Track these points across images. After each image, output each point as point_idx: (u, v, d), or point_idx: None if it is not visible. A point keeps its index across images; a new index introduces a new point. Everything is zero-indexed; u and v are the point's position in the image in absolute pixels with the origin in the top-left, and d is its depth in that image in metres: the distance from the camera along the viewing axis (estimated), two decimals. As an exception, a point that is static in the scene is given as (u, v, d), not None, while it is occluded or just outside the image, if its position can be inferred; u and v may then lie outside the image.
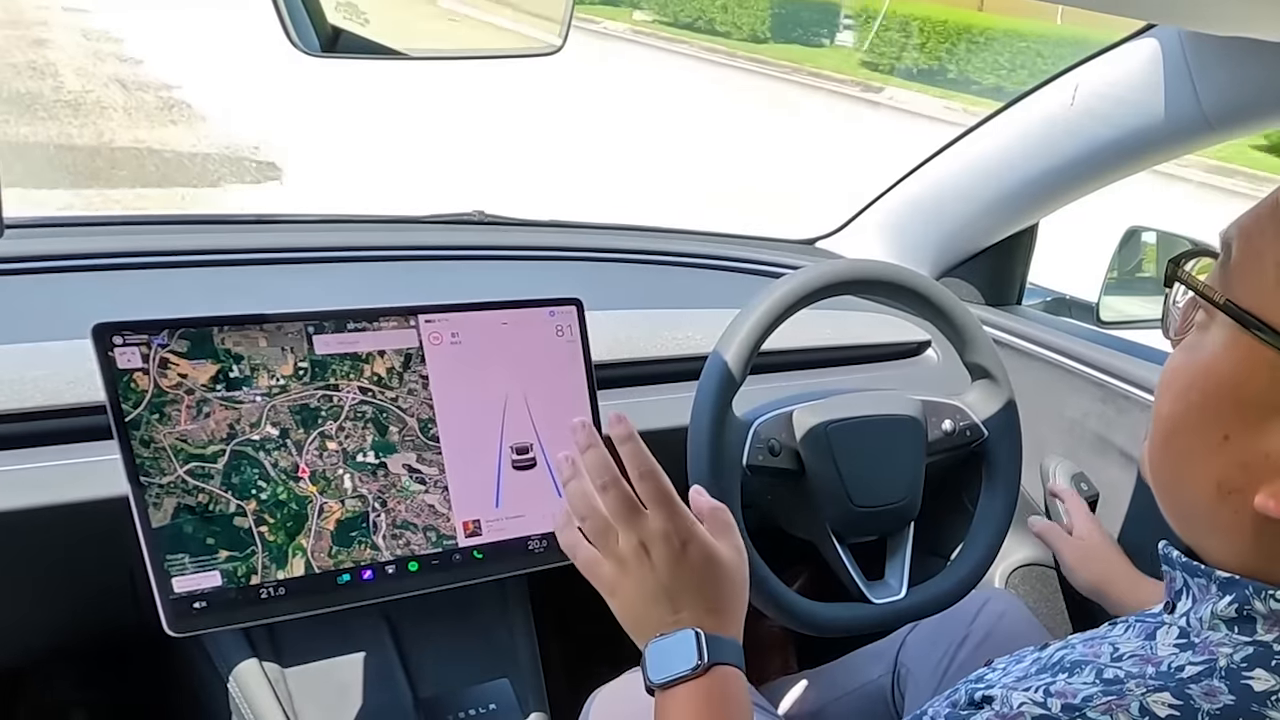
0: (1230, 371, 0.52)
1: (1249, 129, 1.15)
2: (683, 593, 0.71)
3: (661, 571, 0.71)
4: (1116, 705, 0.50)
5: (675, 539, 0.71)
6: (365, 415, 0.91)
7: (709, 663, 0.68)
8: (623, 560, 0.72)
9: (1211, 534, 0.56)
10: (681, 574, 0.71)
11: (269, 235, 1.31)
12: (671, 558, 0.70)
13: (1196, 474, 0.55)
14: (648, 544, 0.71)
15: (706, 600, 0.71)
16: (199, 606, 0.86)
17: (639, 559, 0.71)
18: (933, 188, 1.47)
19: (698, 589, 0.71)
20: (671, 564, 0.70)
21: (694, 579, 0.71)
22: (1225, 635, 0.54)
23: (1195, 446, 0.55)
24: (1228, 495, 0.53)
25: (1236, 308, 0.52)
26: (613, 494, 0.71)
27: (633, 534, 0.71)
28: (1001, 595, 1.18)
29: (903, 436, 1.14)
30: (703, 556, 0.71)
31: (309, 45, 0.82)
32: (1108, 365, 1.32)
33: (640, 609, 0.72)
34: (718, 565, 0.72)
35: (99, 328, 0.82)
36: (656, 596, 0.71)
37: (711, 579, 0.72)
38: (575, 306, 1.00)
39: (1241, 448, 0.52)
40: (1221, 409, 0.53)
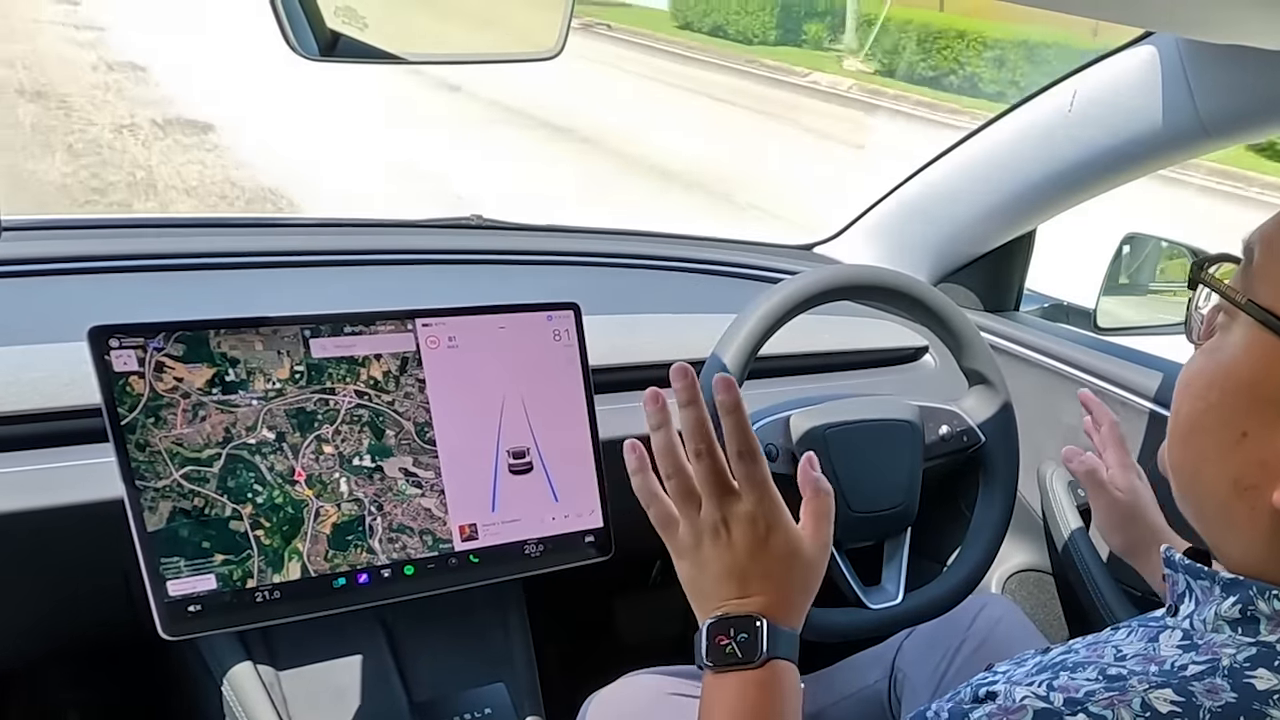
0: (1250, 370, 0.53)
1: (1246, 136, 1.15)
2: (754, 578, 0.69)
3: (740, 553, 0.69)
4: (1119, 700, 0.51)
5: (761, 524, 0.69)
6: (361, 419, 0.91)
7: (768, 655, 0.67)
8: (701, 531, 0.70)
9: (1228, 531, 0.57)
10: (759, 560, 0.69)
11: (266, 239, 1.31)
12: (754, 543, 0.69)
13: (1214, 472, 0.56)
14: (731, 523, 0.69)
15: (779, 590, 0.70)
16: (193, 610, 0.86)
17: (716, 534, 0.69)
18: (930, 193, 1.48)
19: (772, 578, 0.70)
20: (751, 549, 0.69)
21: (770, 567, 0.70)
22: (1229, 636, 0.54)
23: (1213, 444, 0.56)
24: (1244, 492, 0.54)
25: (1258, 307, 0.53)
26: (707, 465, 0.69)
27: (718, 509, 0.69)
28: (998, 601, 1.18)
29: (900, 442, 1.14)
30: (785, 547, 0.70)
31: (307, 49, 0.82)
32: (1105, 371, 1.32)
33: (709, 583, 0.70)
34: (797, 558, 0.71)
35: (95, 330, 0.81)
36: (727, 575, 0.69)
37: (787, 570, 0.70)
38: (573, 311, 1.00)
39: (1259, 445, 0.53)
40: (1240, 407, 0.54)
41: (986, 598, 1.17)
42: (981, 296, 1.53)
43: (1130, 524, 1.04)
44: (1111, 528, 1.06)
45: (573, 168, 7.58)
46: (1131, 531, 1.04)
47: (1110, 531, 1.06)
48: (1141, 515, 1.04)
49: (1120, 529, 1.05)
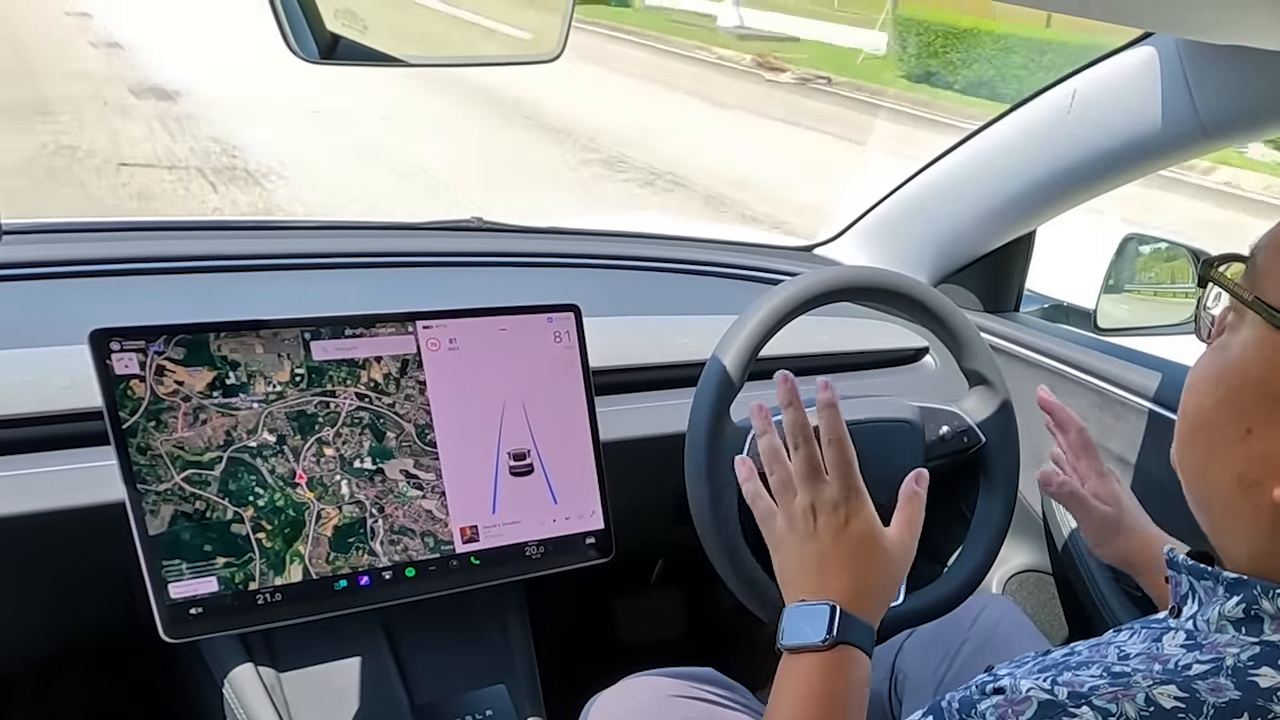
0: (1256, 367, 0.54)
1: (1246, 136, 1.15)
2: (834, 566, 0.75)
3: (822, 538, 0.76)
4: (1123, 695, 0.51)
5: (844, 512, 0.76)
6: (362, 421, 0.91)
7: (836, 639, 0.72)
8: (792, 518, 0.77)
9: (1232, 527, 0.57)
10: (839, 546, 0.75)
11: (267, 241, 1.32)
12: (834, 528, 0.76)
13: (1219, 468, 0.57)
14: (817, 508, 0.76)
15: (855, 578, 0.75)
16: (195, 612, 0.86)
17: (806, 521, 0.76)
18: (930, 194, 1.48)
19: (850, 565, 0.75)
20: (832, 534, 0.75)
21: (849, 554, 0.75)
22: (1232, 636, 0.54)
23: (1219, 440, 0.56)
24: (1248, 488, 0.55)
25: (1264, 304, 0.54)
26: (803, 453, 0.77)
27: (808, 495, 0.76)
28: (999, 601, 1.18)
29: (900, 442, 1.14)
30: (864, 535, 0.76)
31: (308, 53, 0.82)
32: (1105, 372, 1.32)
33: (794, 569, 0.77)
34: (876, 547, 0.76)
35: (96, 334, 0.82)
36: (810, 562, 0.76)
37: (866, 558, 0.76)
38: (573, 313, 1.00)
39: (1264, 441, 0.54)
40: (1246, 403, 0.55)
41: (987, 598, 1.17)
42: (982, 297, 1.53)
43: (1119, 533, 1.02)
44: (1102, 541, 1.04)
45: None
46: (1122, 541, 1.02)
47: (1101, 544, 1.04)
48: (1129, 523, 1.02)
49: (1110, 540, 1.03)
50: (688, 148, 8.02)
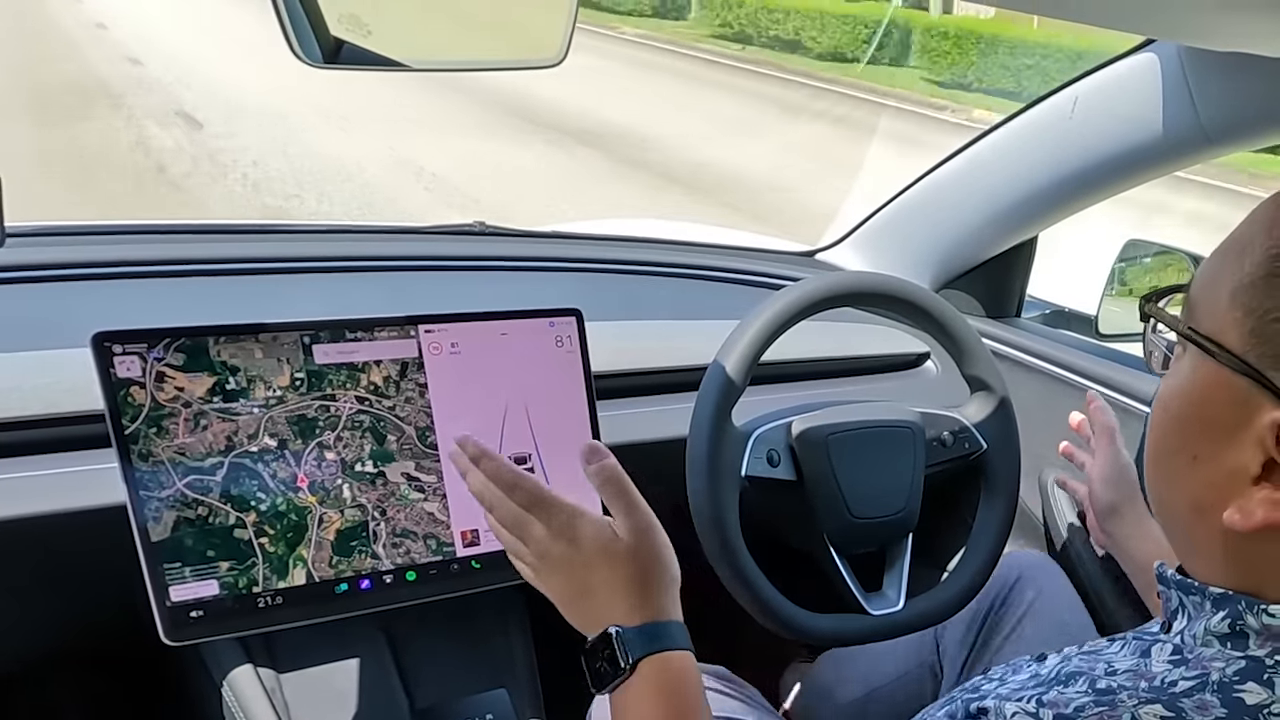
0: (1196, 394, 0.55)
1: (1248, 143, 1.15)
2: (588, 592, 0.71)
3: (564, 574, 0.72)
4: (1109, 716, 0.51)
5: (562, 537, 0.71)
6: (363, 424, 0.92)
7: (632, 660, 0.69)
8: (534, 570, 0.73)
9: (1194, 553, 0.58)
10: (577, 573, 0.71)
11: (269, 245, 1.32)
12: (566, 557, 0.71)
13: (1175, 495, 0.58)
14: (544, 551, 0.72)
15: (615, 592, 0.71)
16: (196, 615, 0.86)
17: (544, 566, 0.72)
18: (932, 200, 1.48)
19: (604, 584, 0.71)
20: (568, 564, 0.71)
21: (595, 576, 0.71)
22: (1218, 651, 0.54)
23: (1172, 469, 0.58)
24: (1202, 514, 0.55)
25: (1195, 333, 0.55)
26: (500, 510, 0.73)
27: (530, 544, 0.73)
28: (1033, 571, 1.15)
29: (901, 448, 1.14)
30: (597, 545, 0.71)
31: (311, 56, 0.82)
32: (1107, 378, 1.32)
33: (571, 615, 0.73)
34: (617, 549, 0.71)
35: (98, 337, 0.82)
36: (571, 601, 0.72)
37: (615, 566, 0.71)
38: (575, 317, 1.00)
39: (1209, 468, 0.54)
40: (1188, 431, 0.56)
41: (1021, 568, 1.14)
42: (983, 303, 1.53)
43: (1122, 485, 1.08)
44: (1106, 479, 1.09)
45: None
46: (1120, 491, 1.07)
47: (1104, 483, 1.09)
48: (1131, 484, 1.07)
49: (1112, 483, 1.08)
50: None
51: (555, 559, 0.72)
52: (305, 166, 6.57)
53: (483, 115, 8.58)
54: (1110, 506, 1.08)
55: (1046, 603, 1.11)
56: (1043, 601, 1.11)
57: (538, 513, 0.72)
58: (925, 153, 2.26)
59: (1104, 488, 1.09)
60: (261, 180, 6.21)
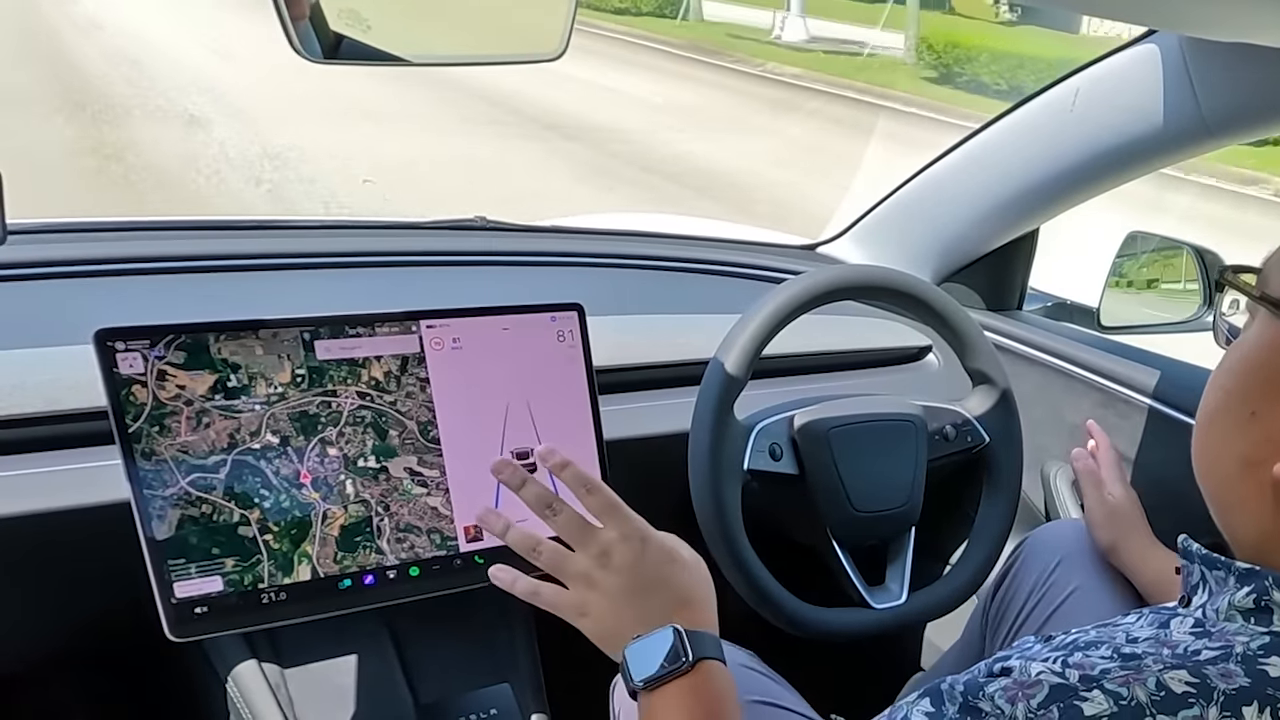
0: (1261, 354, 0.57)
1: (1249, 134, 1.15)
2: (653, 591, 0.72)
3: (626, 573, 0.72)
4: (1134, 679, 0.51)
5: (634, 539, 0.73)
6: (364, 420, 0.92)
7: (695, 658, 0.69)
8: (586, 576, 0.73)
9: (1238, 509, 0.59)
10: (646, 573, 0.73)
11: (271, 241, 1.32)
12: (633, 558, 0.73)
13: (1227, 451, 0.59)
14: (607, 552, 0.73)
15: (677, 596, 0.73)
16: (200, 611, 0.86)
17: (601, 568, 0.73)
18: (933, 193, 1.48)
19: (666, 586, 0.73)
20: (635, 564, 0.73)
21: (660, 575, 0.73)
22: (1241, 625, 0.55)
23: (1228, 425, 0.59)
24: (1252, 469, 0.56)
25: (1270, 298, 0.57)
26: (564, 515, 0.74)
27: (591, 547, 0.73)
28: (1073, 561, 1.10)
29: (903, 441, 1.14)
30: (663, 552, 0.74)
31: (311, 52, 0.83)
32: (1109, 370, 1.32)
33: (612, 618, 0.73)
34: (679, 559, 0.75)
35: (101, 334, 0.82)
36: (627, 600, 0.72)
37: (677, 574, 0.74)
38: (577, 312, 1.00)
39: (1267, 422, 0.56)
40: (1251, 388, 0.57)
41: (1063, 553, 1.10)
42: (984, 296, 1.53)
43: (1114, 522, 1.10)
44: (1097, 524, 1.11)
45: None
46: (1114, 529, 1.09)
47: (1096, 527, 1.11)
48: (1125, 516, 1.10)
49: (1105, 525, 1.10)
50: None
51: (620, 561, 0.73)
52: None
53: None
54: (1109, 547, 1.09)
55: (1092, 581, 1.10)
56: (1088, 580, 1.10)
57: (610, 516, 0.74)
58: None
59: (1099, 531, 1.11)
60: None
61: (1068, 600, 1.05)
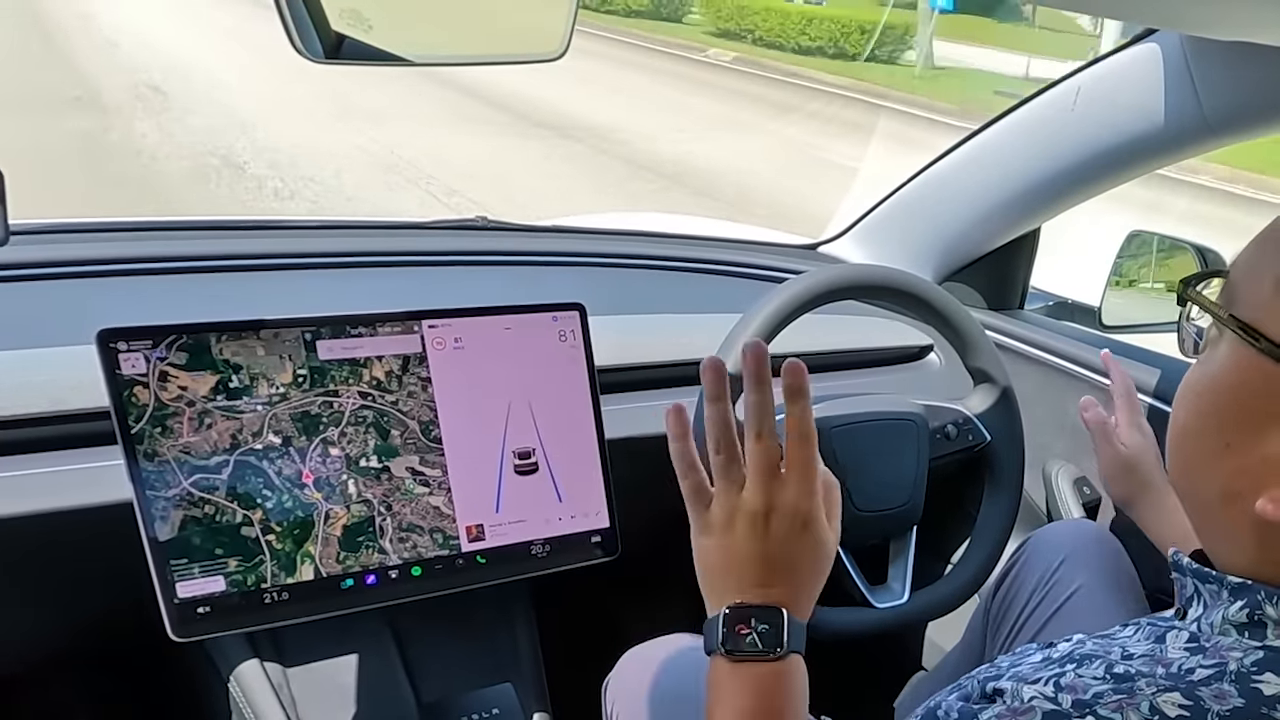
0: (1232, 381, 0.55)
1: (1251, 133, 1.15)
2: (781, 569, 0.68)
3: (774, 542, 0.67)
4: (1127, 704, 0.51)
5: (801, 516, 0.67)
6: (366, 420, 0.92)
7: (788, 649, 0.66)
8: (737, 512, 0.68)
9: (1221, 539, 0.58)
10: (790, 552, 0.68)
11: (273, 241, 1.32)
12: (788, 533, 0.67)
13: (1204, 481, 0.57)
14: (771, 509, 0.67)
15: (800, 583, 0.69)
16: (202, 611, 0.86)
17: (753, 519, 0.67)
18: (935, 192, 1.48)
19: (797, 570, 0.68)
20: (785, 538, 0.67)
21: (798, 560, 0.68)
22: (1235, 640, 0.55)
23: (1202, 454, 0.57)
24: (1232, 500, 0.55)
25: (1236, 320, 0.55)
26: (765, 445, 0.67)
27: (763, 494, 0.67)
28: (1080, 557, 1.07)
29: (905, 441, 1.14)
30: (815, 541, 0.69)
31: (313, 51, 0.82)
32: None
33: (729, 565, 0.68)
34: (822, 553, 0.70)
35: (103, 334, 0.82)
36: (753, 562, 0.67)
37: (812, 564, 0.69)
38: (578, 311, 1.00)
39: (1242, 454, 0.54)
40: (1224, 417, 0.56)
41: (1066, 553, 1.08)
42: (986, 295, 1.53)
43: (1130, 475, 1.07)
44: (1111, 477, 1.09)
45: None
46: (1131, 482, 1.07)
47: (1110, 480, 1.09)
48: (1141, 467, 1.07)
49: (1119, 479, 1.08)
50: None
51: (776, 526, 0.67)
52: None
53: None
54: (1123, 501, 1.08)
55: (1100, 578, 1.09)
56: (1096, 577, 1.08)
57: (801, 481, 0.67)
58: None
59: (1114, 485, 1.08)
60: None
61: (1070, 600, 1.05)
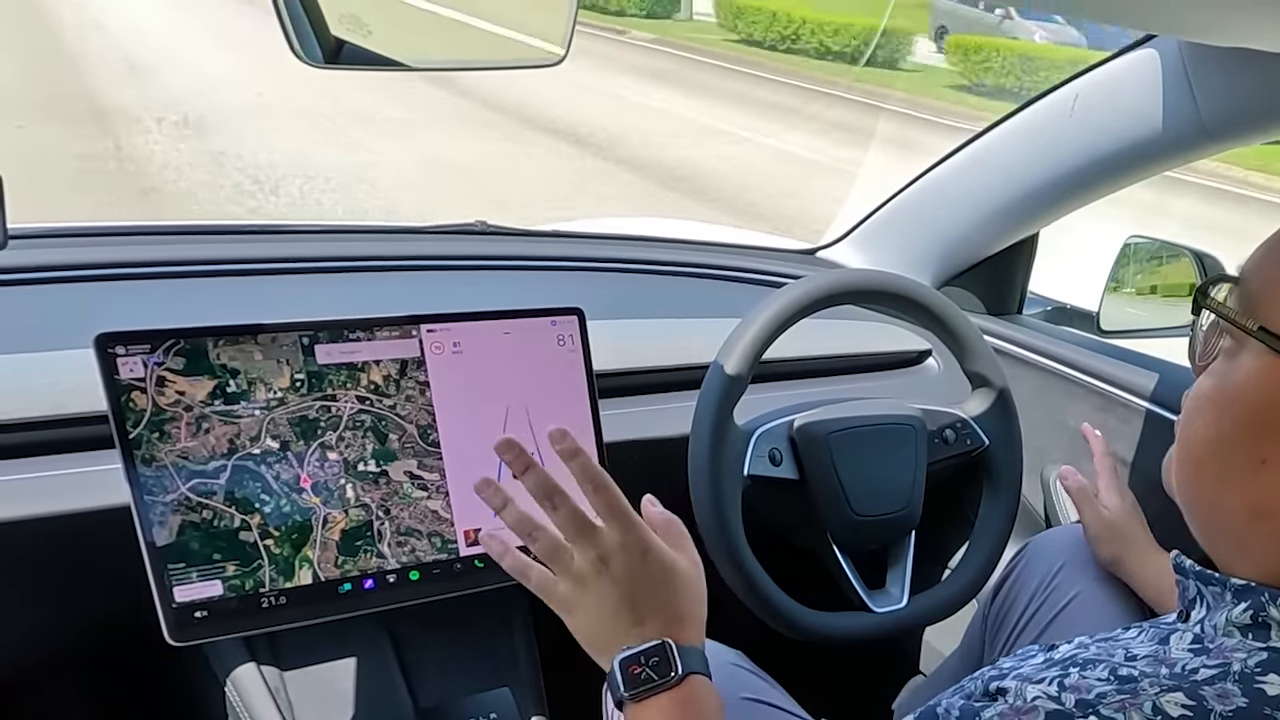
0: (1263, 397, 0.53)
1: (1249, 139, 1.15)
2: (645, 603, 0.70)
3: (623, 583, 0.70)
4: (1130, 704, 0.51)
5: (635, 549, 0.70)
6: (364, 424, 0.92)
7: (684, 672, 0.68)
8: (580, 576, 0.70)
9: (1241, 554, 0.57)
10: (643, 584, 0.70)
11: (271, 246, 1.32)
12: (631, 568, 0.70)
13: (1231, 498, 0.55)
14: (606, 557, 0.70)
15: (670, 609, 0.71)
16: (200, 615, 0.86)
17: (598, 573, 0.70)
18: (933, 197, 1.48)
19: (661, 599, 0.71)
20: (632, 575, 0.70)
21: (655, 589, 0.70)
22: (1239, 641, 0.54)
23: (1231, 471, 0.55)
24: (1263, 518, 0.54)
25: (1269, 334, 0.53)
26: (565, 510, 0.70)
27: (589, 548, 0.70)
28: (1076, 567, 1.08)
29: (903, 445, 1.14)
30: (661, 566, 0.71)
31: (312, 57, 0.83)
32: (1108, 374, 1.32)
33: (601, 624, 0.71)
34: (677, 574, 0.72)
35: (101, 338, 0.82)
36: (619, 609, 0.70)
37: (672, 588, 0.71)
38: (577, 316, 1.00)
39: (1278, 472, 0.53)
40: (1258, 434, 0.54)
41: (1065, 559, 1.09)
42: (984, 300, 1.53)
43: (1115, 537, 1.07)
44: (1097, 539, 1.08)
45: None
46: (1115, 543, 1.06)
47: (1096, 543, 1.08)
48: (1125, 529, 1.07)
49: (1105, 541, 1.07)
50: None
51: (617, 570, 0.70)
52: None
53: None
54: (1110, 561, 1.07)
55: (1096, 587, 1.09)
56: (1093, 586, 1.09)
57: (615, 519, 0.70)
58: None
59: (1100, 547, 1.08)
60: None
61: (1069, 606, 1.05)
